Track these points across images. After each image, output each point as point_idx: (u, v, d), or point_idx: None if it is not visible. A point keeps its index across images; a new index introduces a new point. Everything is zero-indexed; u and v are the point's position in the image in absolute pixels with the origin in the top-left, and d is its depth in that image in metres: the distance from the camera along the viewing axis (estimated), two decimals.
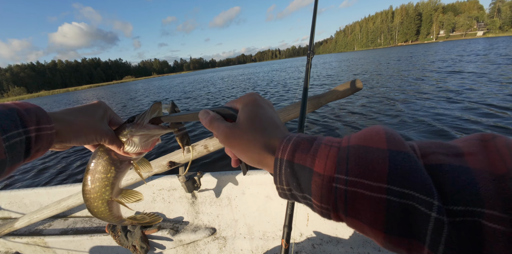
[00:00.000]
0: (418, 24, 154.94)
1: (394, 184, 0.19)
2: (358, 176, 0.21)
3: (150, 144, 0.52)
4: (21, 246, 1.50)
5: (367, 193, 0.20)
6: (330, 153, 0.24)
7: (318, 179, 0.23)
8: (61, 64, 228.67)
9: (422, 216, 0.18)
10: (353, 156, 0.22)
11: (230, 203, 1.30)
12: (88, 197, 0.51)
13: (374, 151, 0.21)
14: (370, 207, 0.20)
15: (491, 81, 6.83)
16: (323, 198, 0.23)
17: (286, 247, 0.83)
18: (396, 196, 0.19)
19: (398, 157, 0.20)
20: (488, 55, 14.71)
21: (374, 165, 0.21)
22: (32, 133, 0.36)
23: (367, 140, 0.23)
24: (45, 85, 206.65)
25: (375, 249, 1.11)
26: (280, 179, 0.27)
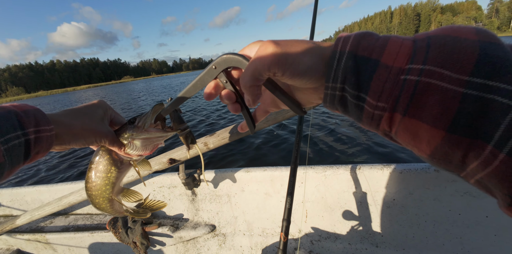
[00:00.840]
0: (417, 25, 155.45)
1: (478, 75, 0.17)
2: (438, 65, 0.19)
3: (152, 147, 0.52)
4: (23, 243, 1.51)
5: (443, 84, 0.18)
6: (404, 43, 0.21)
7: (383, 72, 0.21)
8: (60, 64, 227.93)
9: (500, 109, 0.16)
10: (436, 44, 0.19)
11: (230, 200, 1.31)
12: (89, 193, 0.52)
13: (463, 41, 0.19)
14: (441, 101, 0.18)
15: None
16: (384, 94, 0.21)
17: (285, 240, 0.85)
18: (475, 89, 0.17)
19: (490, 47, 0.18)
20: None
21: (461, 54, 0.18)
22: (31, 135, 0.35)
23: (454, 31, 0.20)
24: (43, 85, 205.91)
25: (373, 245, 1.12)
26: (336, 75, 0.24)
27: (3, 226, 1.38)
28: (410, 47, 0.21)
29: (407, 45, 0.21)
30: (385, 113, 0.21)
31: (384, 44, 0.22)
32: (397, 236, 1.08)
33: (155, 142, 0.51)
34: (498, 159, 0.17)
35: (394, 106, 0.21)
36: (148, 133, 0.48)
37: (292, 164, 0.93)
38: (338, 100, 0.25)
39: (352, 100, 0.24)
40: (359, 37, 0.23)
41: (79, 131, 0.43)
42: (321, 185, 1.15)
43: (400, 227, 1.06)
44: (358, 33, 0.24)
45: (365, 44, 0.23)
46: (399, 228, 1.06)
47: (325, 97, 0.26)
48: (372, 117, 0.23)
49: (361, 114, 0.24)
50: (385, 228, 1.09)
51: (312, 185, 1.16)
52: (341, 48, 0.24)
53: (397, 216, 1.05)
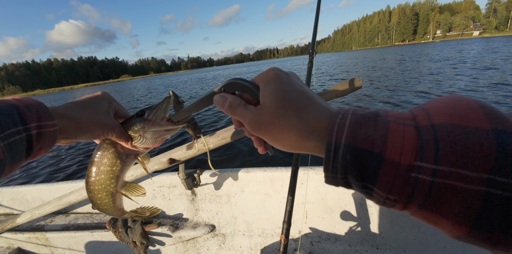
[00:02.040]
0: (415, 24, 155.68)
1: (500, 174, 0.16)
2: (453, 166, 0.17)
3: (160, 140, 0.51)
4: (23, 241, 1.51)
5: (461, 185, 0.17)
6: (406, 134, 0.19)
7: (391, 168, 0.19)
8: (57, 62, 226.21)
9: None
10: (446, 140, 0.18)
11: (230, 201, 1.31)
12: (92, 188, 0.50)
13: (474, 133, 0.17)
14: (461, 201, 0.17)
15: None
16: (394, 189, 0.19)
17: (285, 242, 0.85)
18: (498, 189, 0.16)
19: (507, 139, 0.16)
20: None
21: (476, 152, 0.16)
22: (33, 130, 0.34)
23: (461, 117, 0.18)
24: (40, 84, 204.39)
25: (373, 246, 1.12)
26: (334, 167, 0.22)
27: (3, 224, 1.38)
28: (415, 139, 0.19)
29: (410, 136, 0.19)
30: (397, 204, 0.20)
31: (385, 135, 0.20)
32: (397, 238, 1.07)
33: (165, 135, 0.50)
34: None
35: (408, 200, 0.19)
36: (159, 126, 0.47)
37: (293, 166, 0.93)
38: (342, 183, 0.24)
39: (358, 187, 0.22)
40: (355, 126, 0.21)
41: (85, 124, 0.41)
42: (321, 186, 1.15)
43: (400, 229, 1.06)
44: (353, 120, 0.22)
45: (363, 135, 0.21)
46: (400, 230, 1.06)
47: (327, 179, 0.24)
48: (383, 203, 0.21)
49: (370, 197, 0.22)
50: (385, 230, 1.09)
51: (312, 186, 1.16)
52: (336, 139, 0.22)
53: (398, 217, 1.05)
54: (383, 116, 0.21)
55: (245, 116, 0.28)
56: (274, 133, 0.26)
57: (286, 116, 0.25)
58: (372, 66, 15.13)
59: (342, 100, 6.51)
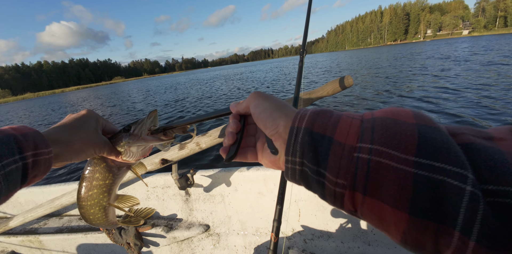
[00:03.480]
0: (406, 24, 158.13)
1: (423, 156, 0.18)
2: (384, 145, 0.20)
3: (147, 151, 0.52)
4: (17, 244, 1.50)
5: (393, 164, 0.19)
6: (353, 123, 0.23)
7: (338, 148, 0.22)
8: (47, 65, 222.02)
9: (454, 192, 0.16)
10: (380, 126, 0.21)
11: (224, 200, 1.32)
12: (84, 204, 0.50)
13: (402, 123, 0.21)
14: (395, 181, 0.19)
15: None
16: (341, 170, 0.22)
17: (275, 240, 0.86)
18: (424, 170, 0.18)
19: (427, 130, 0.19)
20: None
21: (402, 136, 0.20)
22: (29, 158, 0.35)
23: (394, 114, 0.22)
24: (30, 87, 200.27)
25: (365, 243, 1.14)
26: (294, 149, 0.25)
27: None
28: (358, 126, 0.23)
29: (355, 125, 0.23)
30: (346, 191, 0.22)
31: (336, 122, 0.24)
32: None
33: (151, 147, 0.52)
34: (469, 248, 0.16)
35: (353, 183, 0.21)
36: (144, 141, 0.48)
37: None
38: (299, 174, 0.26)
39: (313, 175, 0.24)
40: (314, 115, 0.26)
41: (78, 146, 0.43)
42: None
43: None
44: (313, 111, 0.27)
45: (319, 121, 0.25)
46: None
47: (286, 171, 0.27)
48: (334, 195, 0.23)
49: (324, 190, 0.24)
50: None
51: None
52: (298, 124, 0.26)
53: None
54: (338, 112, 0.26)
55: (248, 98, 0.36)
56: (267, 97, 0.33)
57: (273, 97, 0.34)
58: (368, 66, 15.30)
59: (333, 99, 6.58)
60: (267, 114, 0.31)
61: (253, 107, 0.33)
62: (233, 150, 0.35)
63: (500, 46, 18.24)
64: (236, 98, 9.81)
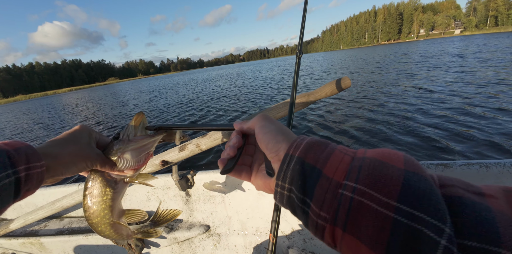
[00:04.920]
0: (400, 23, 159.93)
1: (405, 203, 0.18)
2: (367, 186, 0.20)
3: (143, 158, 0.50)
4: (17, 247, 1.49)
5: (373, 206, 0.19)
6: (344, 159, 0.24)
7: (325, 182, 0.23)
8: (39, 66, 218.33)
9: (429, 244, 0.17)
10: (367, 166, 0.22)
11: (224, 201, 1.33)
12: (90, 222, 0.50)
13: (389, 167, 0.21)
14: (374, 222, 0.19)
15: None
16: (325, 204, 0.22)
17: (273, 241, 0.88)
18: (404, 217, 0.18)
19: (413, 177, 0.20)
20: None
21: (387, 180, 0.20)
22: (21, 173, 0.35)
23: (385, 156, 0.22)
24: (22, 89, 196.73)
25: None
26: (285, 175, 0.27)
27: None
28: (348, 164, 0.23)
29: (346, 162, 0.24)
30: (327, 225, 0.22)
31: (328, 156, 0.25)
32: None
33: (145, 150, 0.49)
34: None
35: (335, 218, 0.21)
36: (135, 142, 0.47)
37: None
38: (287, 200, 0.27)
39: (299, 203, 0.25)
40: (309, 145, 0.27)
41: (69, 159, 0.43)
42: None
43: None
44: (309, 141, 0.28)
45: (312, 153, 0.26)
46: None
47: (275, 194, 0.29)
48: (316, 226, 0.23)
49: (307, 219, 0.25)
50: None
51: None
52: (292, 152, 0.27)
53: None
54: (333, 145, 0.27)
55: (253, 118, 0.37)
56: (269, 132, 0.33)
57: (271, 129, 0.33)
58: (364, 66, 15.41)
59: (331, 99, 6.63)
60: (271, 136, 0.32)
61: (259, 128, 0.34)
62: (231, 163, 0.36)
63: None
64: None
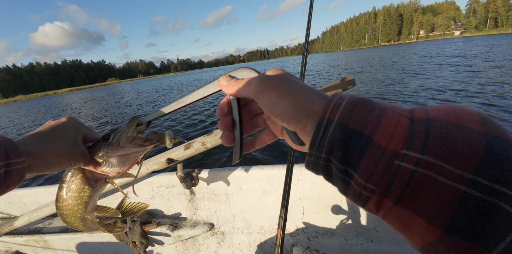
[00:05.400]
0: (400, 25, 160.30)
1: (484, 175, 0.16)
2: (438, 158, 0.17)
3: (129, 164, 0.48)
4: (21, 244, 1.50)
5: (442, 179, 0.17)
6: (400, 122, 0.19)
7: (376, 152, 0.19)
8: (40, 66, 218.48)
9: (506, 219, 0.15)
10: (438, 132, 0.18)
11: (228, 199, 1.34)
12: (60, 213, 0.48)
13: (467, 132, 0.17)
14: (439, 197, 0.17)
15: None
16: (374, 176, 0.19)
17: (281, 236, 0.88)
18: (479, 191, 0.16)
19: (498, 144, 0.16)
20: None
21: (465, 148, 0.16)
22: (0, 169, 0.33)
23: (458, 117, 0.18)
24: (22, 89, 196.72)
25: (368, 240, 1.16)
26: (321, 144, 0.22)
27: (1, 228, 1.36)
28: (407, 128, 0.19)
29: (403, 125, 0.19)
30: (373, 196, 0.19)
31: (379, 119, 0.20)
32: (391, 231, 1.11)
33: (133, 158, 0.47)
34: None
35: (385, 191, 0.19)
36: (124, 149, 0.44)
37: (288, 162, 0.96)
38: (322, 169, 0.23)
39: (338, 173, 0.22)
40: (351, 107, 0.21)
41: (52, 159, 0.40)
42: (317, 183, 1.18)
43: None
44: (350, 100, 0.22)
45: (357, 116, 0.21)
46: None
47: (308, 162, 0.24)
48: (358, 196, 0.21)
49: (347, 189, 0.22)
50: (379, 224, 1.13)
51: (308, 183, 1.19)
52: (330, 116, 0.22)
53: None
54: (381, 104, 0.22)
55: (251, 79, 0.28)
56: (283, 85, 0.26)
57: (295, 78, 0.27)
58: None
59: None
60: (288, 115, 0.25)
61: (266, 106, 0.26)
62: (237, 152, 0.32)
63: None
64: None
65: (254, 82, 0.27)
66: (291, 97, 0.25)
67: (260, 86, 0.27)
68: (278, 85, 0.26)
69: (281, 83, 0.26)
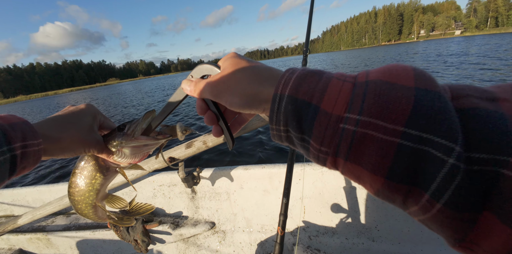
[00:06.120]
0: (400, 24, 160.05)
1: (413, 127, 0.17)
2: (373, 116, 0.19)
3: (141, 155, 0.49)
4: (25, 242, 1.52)
5: (378, 135, 0.18)
6: (343, 88, 0.21)
7: (324, 119, 0.21)
8: (40, 67, 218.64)
9: (435, 163, 0.17)
10: (372, 93, 0.19)
11: (229, 198, 1.34)
12: (72, 199, 0.50)
13: (399, 89, 0.19)
14: (377, 151, 0.19)
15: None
16: (325, 140, 0.21)
17: (282, 234, 0.89)
18: (410, 141, 0.17)
19: (426, 96, 0.18)
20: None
21: (396, 104, 0.18)
22: (17, 150, 0.33)
23: (392, 76, 0.20)
24: (22, 89, 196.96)
25: (369, 239, 1.16)
26: (278, 118, 0.25)
27: (5, 226, 1.38)
28: (349, 93, 0.21)
29: (346, 91, 0.21)
30: (328, 157, 0.22)
31: (324, 88, 0.22)
32: (392, 230, 1.11)
33: (145, 150, 0.48)
34: (435, 208, 0.17)
35: (336, 152, 0.21)
36: (138, 141, 0.45)
37: (288, 160, 0.96)
38: (285, 139, 0.26)
39: (297, 141, 0.24)
40: (300, 79, 0.23)
41: (68, 144, 0.41)
42: (318, 181, 1.18)
43: (395, 222, 1.10)
44: (299, 74, 0.24)
45: (306, 87, 0.23)
46: (395, 223, 1.10)
47: (272, 136, 0.27)
48: (318, 158, 0.23)
49: (308, 153, 0.24)
50: (381, 223, 1.13)
51: (309, 182, 1.19)
52: (281, 91, 0.24)
53: (393, 210, 1.09)
54: (329, 73, 0.23)
55: (206, 83, 0.31)
56: (231, 86, 0.29)
57: (242, 71, 0.29)
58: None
59: None
60: (245, 108, 0.29)
61: (225, 105, 0.30)
62: (228, 139, 0.35)
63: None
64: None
65: (207, 88, 0.31)
66: (242, 92, 0.28)
67: (213, 91, 0.30)
68: (227, 85, 0.29)
69: (229, 82, 0.29)
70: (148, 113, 0.46)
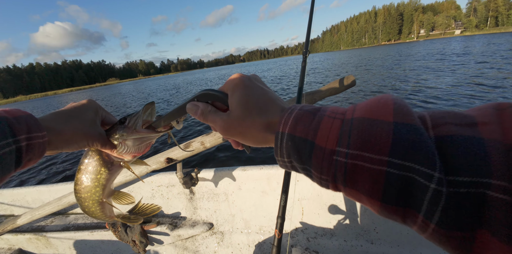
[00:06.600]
0: (400, 24, 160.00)
1: (396, 157, 0.20)
2: (359, 149, 0.21)
3: (144, 147, 0.50)
4: (24, 242, 1.52)
5: (367, 165, 0.21)
6: (333, 126, 0.24)
7: (319, 153, 0.24)
8: (40, 67, 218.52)
9: (420, 187, 0.19)
10: (356, 130, 0.22)
11: (227, 199, 1.34)
12: (79, 196, 0.50)
13: (378, 124, 0.21)
14: (369, 178, 0.21)
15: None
16: (323, 170, 0.24)
17: (279, 236, 0.88)
18: (396, 169, 0.20)
19: (403, 129, 0.20)
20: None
21: (377, 138, 0.21)
22: (22, 142, 0.34)
23: (373, 112, 0.23)
24: (22, 89, 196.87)
25: (368, 241, 1.15)
26: (281, 152, 0.28)
27: (4, 226, 1.38)
28: (337, 129, 0.24)
29: (336, 127, 0.24)
30: (329, 183, 0.25)
31: (317, 126, 0.25)
32: (391, 233, 1.11)
33: (147, 141, 0.49)
34: (430, 227, 0.19)
35: (334, 179, 0.24)
36: (139, 133, 0.46)
37: None
38: (290, 167, 0.29)
39: (301, 170, 0.28)
40: (296, 120, 0.27)
41: (71, 136, 0.42)
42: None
43: (394, 224, 1.09)
44: (296, 115, 0.27)
45: (301, 126, 0.26)
46: (394, 225, 1.09)
47: (279, 164, 0.30)
48: (320, 183, 0.26)
49: (312, 179, 0.27)
50: (379, 225, 1.12)
51: (308, 183, 1.18)
52: (282, 130, 0.27)
53: None
54: (322, 111, 0.27)
55: (215, 121, 0.33)
56: (243, 132, 0.32)
57: (251, 117, 0.31)
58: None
59: (337, 98, 6.64)
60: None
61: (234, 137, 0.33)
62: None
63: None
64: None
65: (219, 129, 0.33)
66: (253, 139, 0.32)
67: (225, 135, 0.33)
68: (238, 131, 0.32)
69: (240, 128, 0.31)
70: (148, 105, 0.47)
